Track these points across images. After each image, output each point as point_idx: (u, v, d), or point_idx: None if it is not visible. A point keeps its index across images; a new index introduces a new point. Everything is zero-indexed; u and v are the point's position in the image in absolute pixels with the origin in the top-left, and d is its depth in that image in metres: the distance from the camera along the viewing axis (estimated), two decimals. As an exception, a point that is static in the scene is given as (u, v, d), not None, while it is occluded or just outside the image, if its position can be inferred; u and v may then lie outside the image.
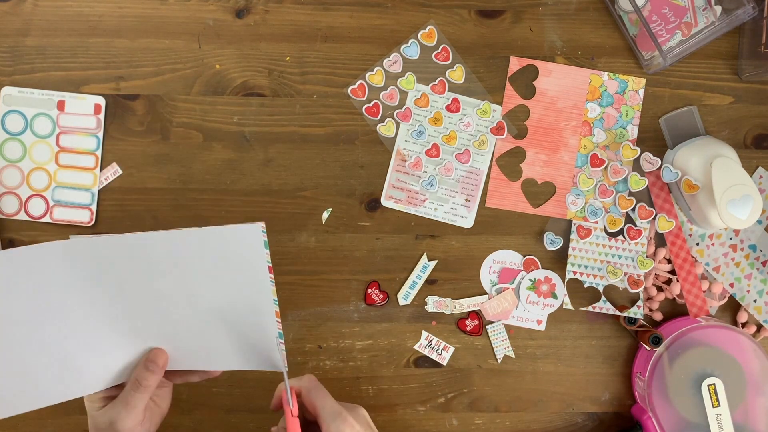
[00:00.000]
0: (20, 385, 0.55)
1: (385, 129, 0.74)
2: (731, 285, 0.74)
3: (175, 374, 0.60)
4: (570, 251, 0.74)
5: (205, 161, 0.74)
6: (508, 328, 0.75)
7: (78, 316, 0.54)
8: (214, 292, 0.55)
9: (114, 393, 0.57)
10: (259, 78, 0.74)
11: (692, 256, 0.74)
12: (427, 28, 0.75)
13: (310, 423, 0.58)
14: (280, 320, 0.56)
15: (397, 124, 0.75)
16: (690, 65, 0.75)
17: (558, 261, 0.75)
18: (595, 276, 0.74)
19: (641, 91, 0.75)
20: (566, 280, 0.74)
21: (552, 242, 0.74)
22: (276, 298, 0.55)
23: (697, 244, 0.74)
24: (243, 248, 0.54)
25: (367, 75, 0.75)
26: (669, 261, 0.74)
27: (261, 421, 0.75)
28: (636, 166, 0.74)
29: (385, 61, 0.75)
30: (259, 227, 0.53)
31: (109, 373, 0.57)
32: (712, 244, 0.74)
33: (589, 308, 0.74)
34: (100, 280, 0.54)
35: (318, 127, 0.75)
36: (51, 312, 0.54)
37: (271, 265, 0.54)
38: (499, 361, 0.75)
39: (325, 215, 0.75)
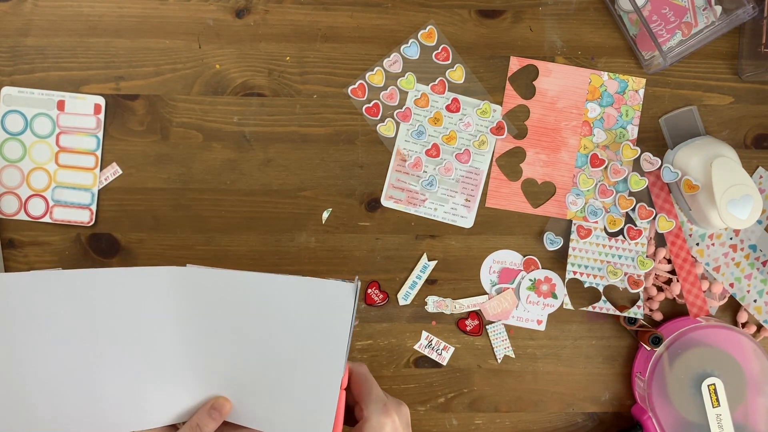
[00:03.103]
0: (88, 408, 0.54)
1: (385, 129, 0.74)
2: (731, 285, 0.74)
3: (221, 426, 0.59)
4: (570, 251, 0.74)
5: (205, 161, 0.74)
6: (508, 328, 0.75)
7: (162, 348, 0.54)
8: (291, 344, 0.55)
9: None
10: (259, 78, 0.74)
11: (692, 256, 0.74)
12: (427, 28, 0.75)
13: (349, 408, 0.58)
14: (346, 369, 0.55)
15: (397, 124, 0.75)
16: (690, 65, 0.75)
17: (558, 261, 0.75)
18: (595, 276, 0.74)
19: (641, 91, 0.75)
20: (566, 280, 0.74)
21: (552, 242, 0.74)
22: (347, 353, 0.55)
23: (697, 244, 0.74)
24: (333, 302, 0.54)
25: (367, 75, 0.74)
26: (669, 261, 0.74)
27: (261, 421, 0.75)
28: (636, 166, 0.74)
29: (385, 61, 0.75)
30: (354, 287, 0.53)
31: (171, 412, 0.56)
32: (712, 244, 0.74)
33: (589, 308, 0.74)
34: (199, 315, 0.54)
35: (318, 127, 0.75)
36: (140, 338, 0.53)
37: (355, 324, 0.54)
38: (499, 361, 0.75)
39: (325, 215, 0.75)
